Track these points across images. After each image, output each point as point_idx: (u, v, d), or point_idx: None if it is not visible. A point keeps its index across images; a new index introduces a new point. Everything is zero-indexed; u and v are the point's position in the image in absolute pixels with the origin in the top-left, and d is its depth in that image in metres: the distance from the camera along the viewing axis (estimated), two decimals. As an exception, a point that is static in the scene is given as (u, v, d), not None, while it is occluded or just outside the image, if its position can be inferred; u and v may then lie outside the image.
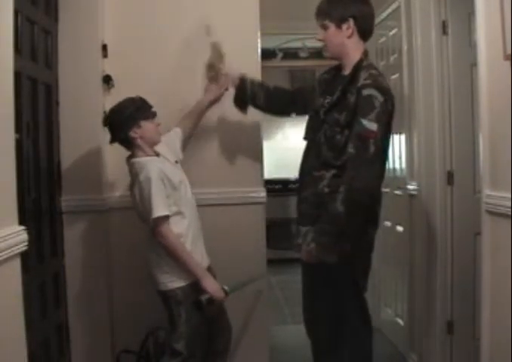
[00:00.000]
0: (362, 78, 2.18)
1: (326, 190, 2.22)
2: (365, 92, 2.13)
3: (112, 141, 2.34)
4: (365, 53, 2.28)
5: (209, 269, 2.41)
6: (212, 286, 2.27)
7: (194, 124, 2.63)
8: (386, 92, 2.17)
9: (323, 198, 2.21)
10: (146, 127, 2.29)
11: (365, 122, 2.10)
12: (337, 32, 2.25)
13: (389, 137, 2.26)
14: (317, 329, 2.37)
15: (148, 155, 2.31)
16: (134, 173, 2.30)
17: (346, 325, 2.29)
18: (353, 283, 2.29)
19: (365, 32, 2.28)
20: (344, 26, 2.23)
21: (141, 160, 2.29)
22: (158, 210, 2.18)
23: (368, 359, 2.36)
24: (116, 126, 2.29)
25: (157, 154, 2.36)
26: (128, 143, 2.32)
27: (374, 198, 2.24)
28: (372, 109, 2.11)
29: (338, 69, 2.37)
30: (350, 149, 2.13)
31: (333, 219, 2.13)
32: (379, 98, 2.12)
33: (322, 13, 2.27)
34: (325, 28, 2.27)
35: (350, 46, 2.26)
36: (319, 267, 2.20)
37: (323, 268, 2.19)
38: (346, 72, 2.29)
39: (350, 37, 2.24)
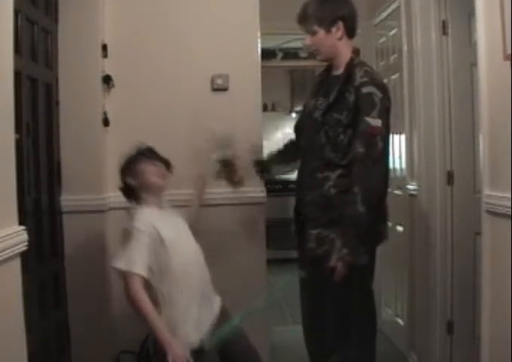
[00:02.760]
0: (358, 76, 2.19)
1: (333, 191, 2.21)
2: (365, 90, 2.15)
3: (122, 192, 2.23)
4: (355, 51, 2.33)
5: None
6: (174, 352, 1.95)
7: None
8: (383, 88, 2.21)
9: (331, 200, 2.21)
10: (142, 170, 2.16)
11: (369, 120, 2.13)
12: (327, 36, 2.26)
13: (389, 134, 2.28)
14: (321, 331, 2.35)
15: (147, 204, 2.14)
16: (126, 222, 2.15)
17: (352, 325, 2.27)
18: (363, 281, 2.29)
19: (352, 31, 2.31)
20: (334, 29, 2.25)
21: (134, 208, 2.15)
22: (134, 264, 1.98)
23: (371, 359, 2.36)
24: (119, 174, 2.20)
25: (160, 207, 2.19)
26: (131, 192, 2.18)
27: (383, 194, 2.27)
28: (374, 107, 2.14)
29: (328, 69, 2.38)
30: (360, 149, 2.13)
31: (355, 221, 2.12)
32: (378, 95, 2.15)
33: (309, 19, 2.26)
34: (313, 33, 2.27)
35: (341, 47, 2.28)
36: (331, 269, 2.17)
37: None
38: (339, 71, 2.30)
39: (340, 39, 2.26)
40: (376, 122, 2.13)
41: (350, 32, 2.29)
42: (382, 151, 2.15)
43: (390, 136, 3.63)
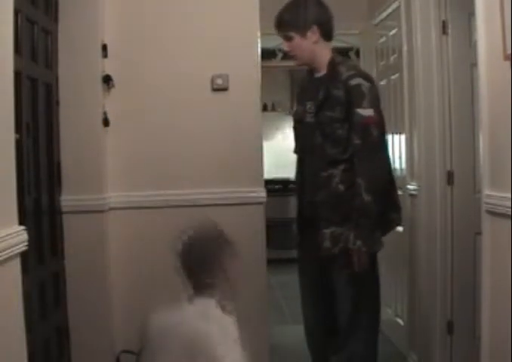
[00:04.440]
0: (344, 70, 2.24)
1: (341, 187, 2.22)
2: (353, 82, 2.20)
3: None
4: (333, 52, 2.34)
5: None
6: None
7: None
8: (369, 78, 2.28)
9: (342, 196, 2.23)
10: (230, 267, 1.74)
11: (360, 111, 2.17)
12: (303, 41, 2.28)
13: (383, 120, 2.32)
14: (330, 329, 2.35)
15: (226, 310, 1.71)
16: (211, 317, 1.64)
17: (361, 321, 2.28)
18: (375, 270, 2.31)
19: (329, 34, 2.33)
20: (309, 34, 2.27)
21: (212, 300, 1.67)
22: None
23: (374, 354, 2.36)
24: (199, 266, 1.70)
25: None
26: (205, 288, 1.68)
27: (386, 183, 2.28)
28: (363, 97, 2.18)
29: (310, 74, 2.39)
30: (356, 141, 2.18)
31: (364, 211, 2.15)
32: (366, 85, 2.21)
33: (285, 25, 2.30)
34: (289, 39, 2.30)
35: (318, 50, 2.30)
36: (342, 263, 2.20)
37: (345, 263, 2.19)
38: (321, 73, 2.33)
39: (316, 42, 2.28)
40: (368, 112, 2.17)
41: (327, 35, 2.32)
42: (378, 139, 2.19)
43: (390, 135, 3.65)
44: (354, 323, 2.27)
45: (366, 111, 2.17)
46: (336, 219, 2.23)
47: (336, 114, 2.22)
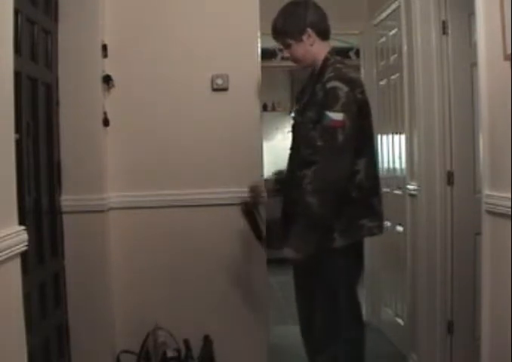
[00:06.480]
0: (327, 72, 2.23)
1: (309, 188, 2.22)
2: (329, 85, 2.18)
3: None
4: (331, 52, 2.33)
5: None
6: None
7: None
8: (350, 82, 2.20)
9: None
10: None
11: (330, 114, 2.14)
12: (299, 45, 2.30)
13: (370, 125, 2.30)
14: (313, 329, 2.36)
15: None
16: None
17: (340, 321, 2.29)
18: (345, 275, 2.30)
19: (324, 33, 2.33)
20: (304, 37, 2.29)
21: None
22: None
23: (361, 353, 2.36)
24: None
25: None
26: None
27: (365, 188, 2.25)
28: (336, 101, 2.14)
29: (312, 74, 2.40)
30: (318, 143, 2.17)
31: (305, 212, 2.15)
32: (343, 88, 2.16)
33: (280, 34, 2.32)
34: (287, 46, 2.32)
35: (315, 51, 2.31)
36: (314, 266, 2.22)
37: (316, 266, 2.22)
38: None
39: (312, 44, 2.29)
40: (337, 116, 2.13)
41: (323, 35, 2.32)
42: (343, 144, 2.13)
43: (390, 135, 3.65)
44: (332, 321, 2.28)
45: (336, 115, 2.13)
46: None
47: (313, 114, 2.22)
